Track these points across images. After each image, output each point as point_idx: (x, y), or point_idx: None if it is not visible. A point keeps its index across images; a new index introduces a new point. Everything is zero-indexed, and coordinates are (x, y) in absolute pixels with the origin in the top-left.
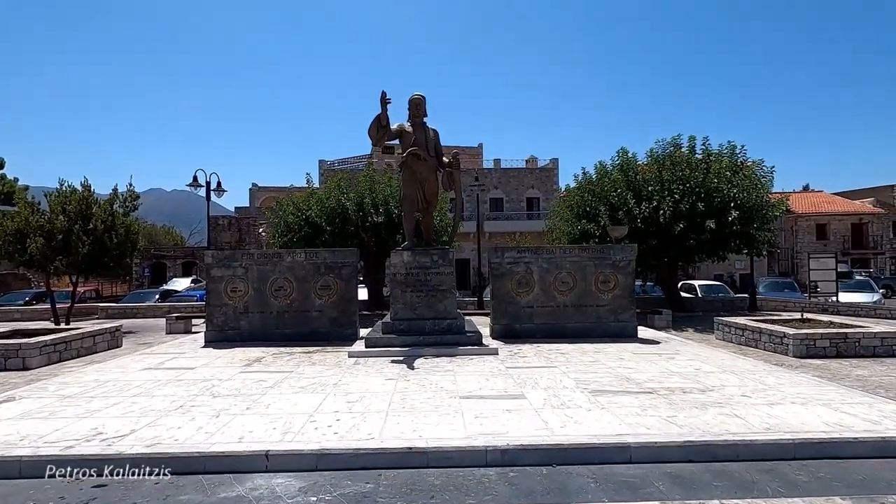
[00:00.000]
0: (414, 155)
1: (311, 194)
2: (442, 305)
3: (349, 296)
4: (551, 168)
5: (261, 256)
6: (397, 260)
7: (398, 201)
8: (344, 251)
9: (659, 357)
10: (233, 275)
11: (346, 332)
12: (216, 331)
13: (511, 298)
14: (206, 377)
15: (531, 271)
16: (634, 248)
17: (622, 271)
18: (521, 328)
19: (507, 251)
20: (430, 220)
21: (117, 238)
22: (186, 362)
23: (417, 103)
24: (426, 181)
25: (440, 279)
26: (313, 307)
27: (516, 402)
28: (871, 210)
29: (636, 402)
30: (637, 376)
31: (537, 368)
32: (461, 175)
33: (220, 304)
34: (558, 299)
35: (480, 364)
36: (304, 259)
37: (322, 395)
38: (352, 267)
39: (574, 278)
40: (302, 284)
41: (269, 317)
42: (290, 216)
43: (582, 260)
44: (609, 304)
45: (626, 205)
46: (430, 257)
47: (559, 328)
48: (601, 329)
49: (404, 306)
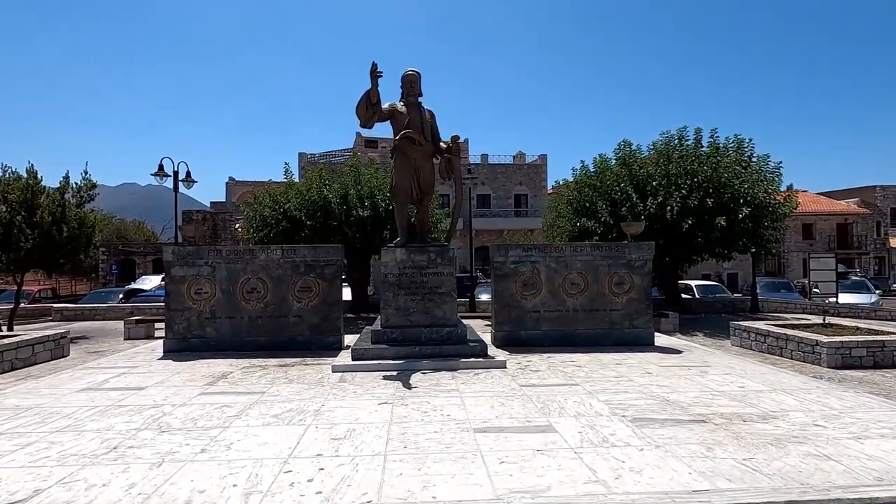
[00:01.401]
0: (408, 138)
1: (290, 186)
2: (440, 310)
3: (333, 299)
4: (540, 164)
5: (230, 253)
6: (389, 258)
7: (386, 193)
8: (327, 248)
9: (689, 370)
10: (197, 274)
11: (329, 341)
12: (177, 339)
13: (515, 302)
14: (157, 401)
15: (538, 271)
16: (651, 247)
17: (638, 272)
18: (527, 335)
19: (511, 249)
20: (425, 213)
21: (69, 231)
22: (136, 380)
23: (411, 80)
24: (421, 169)
25: (439, 280)
26: (291, 312)
27: (546, 437)
28: (857, 210)
29: (693, 435)
30: (677, 397)
31: (557, 387)
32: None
33: (182, 307)
34: (568, 303)
35: (489, 381)
36: (280, 256)
37: (300, 429)
38: (336, 266)
39: (585, 280)
40: (278, 286)
41: (239, 323)
42: (266, 209)
43: (594, 259)
44: (623, 309)
45: (629, 200)
46: (426, 255)
47: (568, 335)
48: (615, 336)
49: (397, 311)
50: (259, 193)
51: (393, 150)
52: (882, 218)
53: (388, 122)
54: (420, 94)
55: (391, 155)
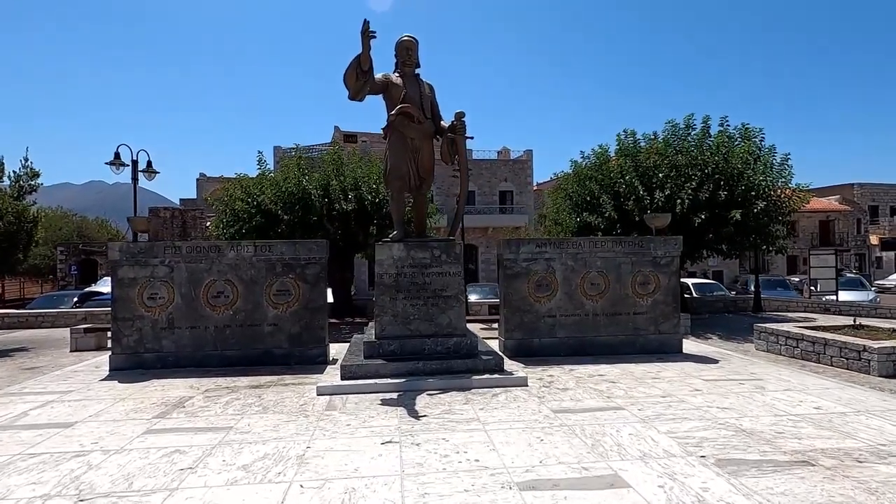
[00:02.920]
0: (404, 115)
1: (264, 177)
2: (446, 317)
3: (315, 304)
4: (525, 160)
5: (192, 250)
6: (384, 256)
7: (372, 185)
8: (308, 244)
9: (741, 386)
10: (151, 275)
11: (312, 354)
12: (126, 355)
13: (528, 305)
14: (85, 446)
15: (553, 270)
16: (679, 242)
17: (664, 270)
18: (541, 343)
19: (523, 244)
20: (423, 204)
21: (3, 226)
22: (65, 412)
23: (408, 47)
24: (420, 151)
25: (444, 281)
26: (266, 320)
27: (617, 495)
28: (839, 207)
29: (813, 489)
30: (752, 425)
31: (599, 413)
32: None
33: (133, 316)
34: (587, 306)
35: (512, 405)
36: (252, 254)
37: (279, 491)
38: (319, 265)
39: (606, 279)
40: (250, 288)
41: (203, 334)
42: (237, 202)
43: (616, 256)
44: (648, 312)
45: (634, 193)
46: (429, 252)
47: (587, 343)
48: (639, 343)
49: (395, 319)
50: (230, 186)
51: (386, 129)
52: (862, 215)
53: (381, 96)
54: (418, 65)
55: (384, 135)
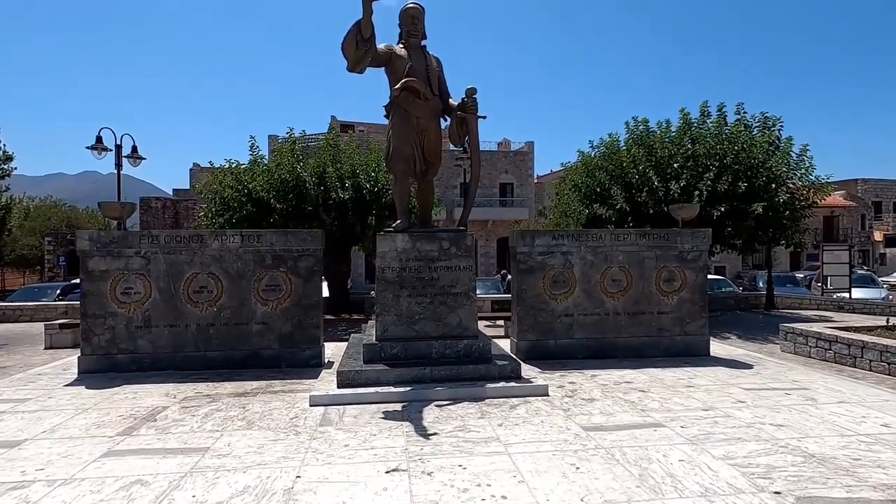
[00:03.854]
0: (409, 90)
1: (256, 163)
2: (455, 317)
3: (309, 300)
4: (526, 152)
5: (171, 240)
6: (387, 248)
7: (371, 173)
8: (301, 234)
9: (788, 397)
10: (125, 268)
11: (305, 356)
12: (98, 356)
13: (543, 303)
14: (28, 473)
15: (571, 265)
16: (708, 235)
17: (691, 266)
18: (557, 345)
19: (538, 236)
20: (429, 191)
21: None
22: (16, 426)
23: (413, 16)
24: (426, 131)
25: (453, 276)
26: (254, 318)
27: None
28: (843, 203)
29: None
30: (819, 449)
31: (636, 430)
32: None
33: (105, 313)
34: (607, 304)
35: (535, 420)
36: (239, 245)
37: None
38: (314, 257)
39: (628, 275)
40: (236, 283)
41: (183, 333)
42: (227, 189)
43: (639, 250)
44: (674, 311)
45: (648, 184)
46: (437, 244)
47: (607, 345)
48: (663, 345)
49: (398, 319)
50: (219, 173)
51: (389, 107)
52: (867, 210)
53: (384, 70)
54: (424, 36)
55: (385, 113)
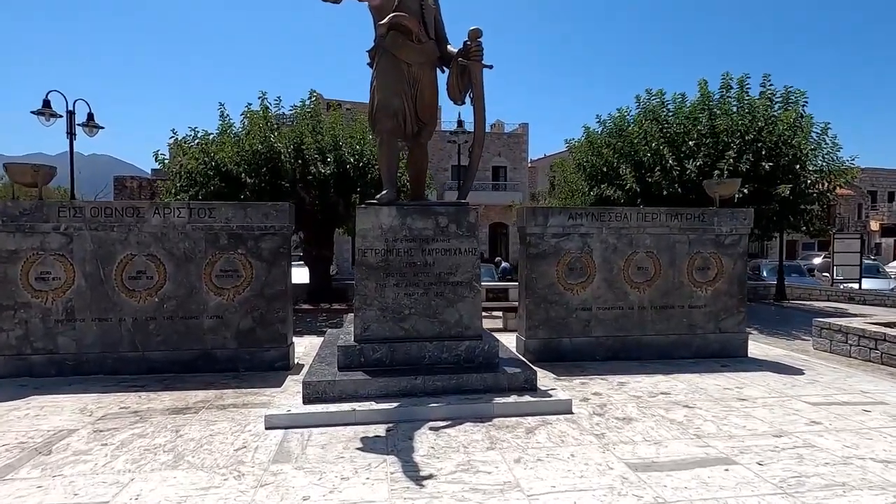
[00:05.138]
0: (399, 29)
1: (225, 131)
2: (455, 312)
3: (275, 289)
4: (520, 134)
5: (99, 213)
6: (369, 224)
7: (356, 146)
8: (263, 208)
9: (867, 413)
10: (40, 247)
11: (269, 357)
12: (7, 357)
13: (556, 294)
14: None
15: (590, 249)
16: (750, 216)
17: (729, 252)
18: (572, 344)
19: (552, 214)
20: (424, 155)
21: None
22: None
23: None
24: (420, 82)
25: (453, 261)
26: (206, 310)
27: None
28: (841, 192)
29: None
30: None
31: (702, 471)
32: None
33: (15, 304)
34: (631, 296)
35: (562, 452)
36: (186, 220)
37: None
38: (280, 236)
39: (656, 263)
40: (183, 267)
41: (116, 329)
42: (191, 161)
43: (670, 232)
44: (708, 305)
45: (659, 163)
46: (432, 220)
47: (631, 344)
48: (695, 344)
49: (382, 314)
50: (185, 143)
51: (373, 52)
52: (864, 199)
53: (367, 5)
54: None
55: (370, 60)
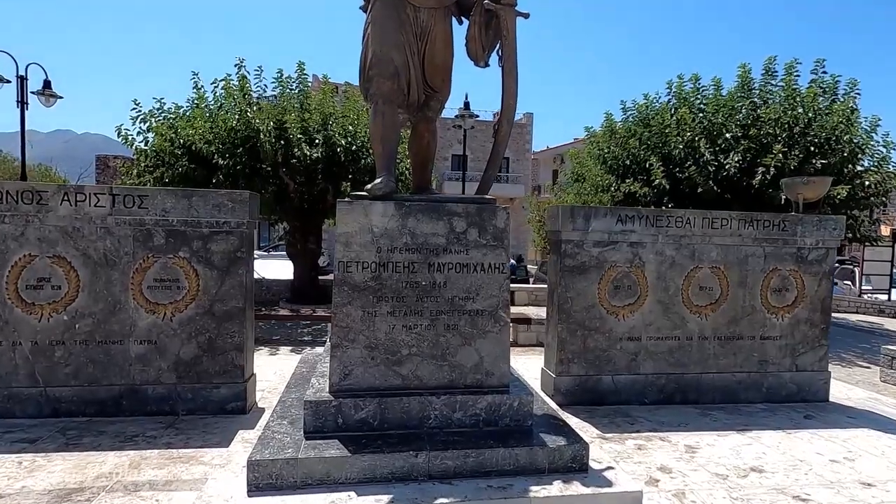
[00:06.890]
0: None
1: (196, 105)
2: (472, 353)
3: (229, 306)
4: (525, 124)
5: None
6: (356, 225)
7: (348, 126)
8: (216, 197)
9: None
10: None
11: (218, 396)
12: None
13: (597, 319)
14: None
15: (641, 263)
16: (841, 224)
17: (812, 269)
18: (615, 383)
19: (595, 215)
20: (433, 132)
21: None
22: None
23: None
24: (430, 34)
25: (472, 281)
26: (133, 332)
27: None
28: None
29: None
30: None
31: None
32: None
33: None
34: (690, 324)
35: None
36: (108, 211)
37: None
38: (237, 235)
39: (724, 281)
40: (101, 274)
41: (6, 355)
42: (157, 138)
43: (742, 243)
44: (784, 336)
45: (695, 156)
46: (444, 223)
47: (688, 385)
48: (765, 384)
49: (371, 354)
50: (151, 116)
51: None
52: None
53: None
54: None
55: (364, 3)
